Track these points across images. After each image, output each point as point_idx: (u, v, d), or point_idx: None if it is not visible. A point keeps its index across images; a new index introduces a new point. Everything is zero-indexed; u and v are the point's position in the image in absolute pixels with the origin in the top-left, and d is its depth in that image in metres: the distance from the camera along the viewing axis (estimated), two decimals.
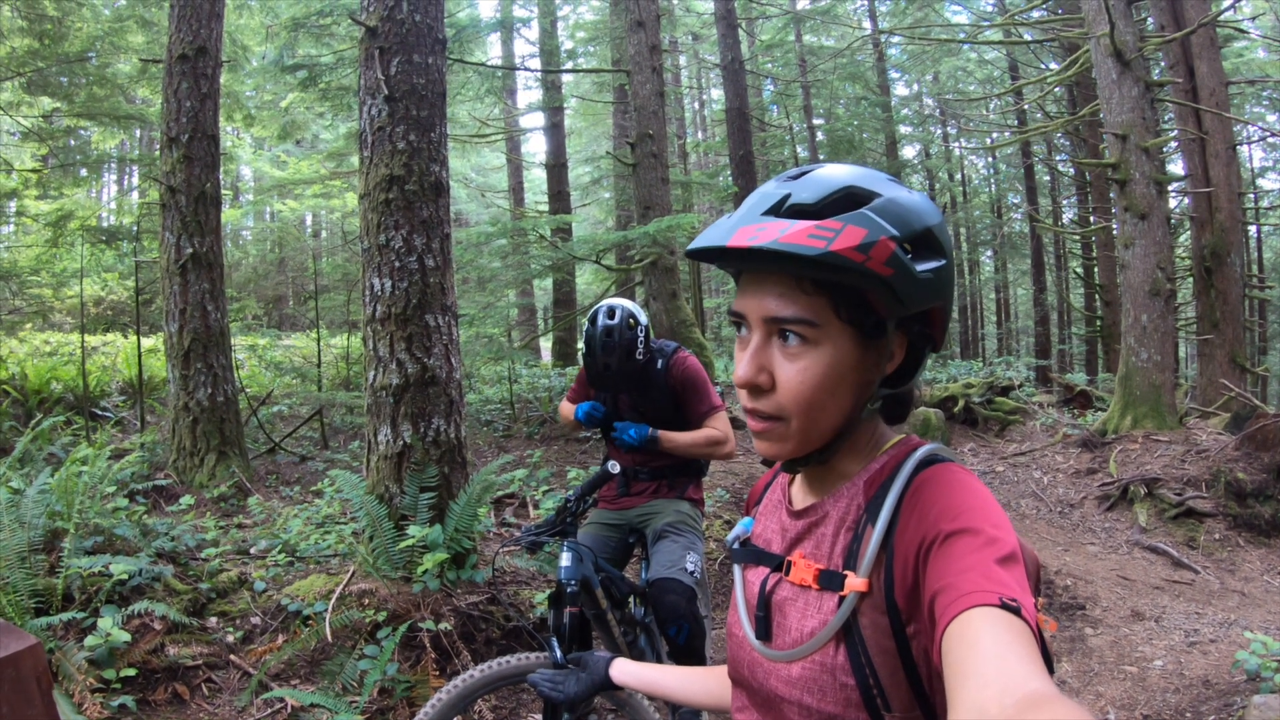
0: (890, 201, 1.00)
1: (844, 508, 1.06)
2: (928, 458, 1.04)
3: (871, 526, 1.00)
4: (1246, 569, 6.53)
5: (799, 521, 1.12)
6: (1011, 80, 20.94)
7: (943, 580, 0.86)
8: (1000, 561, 0.84)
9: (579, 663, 1.66)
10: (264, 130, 12.63)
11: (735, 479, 7.41)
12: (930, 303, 1.01)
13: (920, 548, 0.92)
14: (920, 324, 1.04)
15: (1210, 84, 10.94)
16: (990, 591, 0.80)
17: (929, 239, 1.01)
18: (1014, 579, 0.83)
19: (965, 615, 0.80)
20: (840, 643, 0.99)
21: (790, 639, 1.06)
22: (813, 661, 1.01)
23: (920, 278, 0.98)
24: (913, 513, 0.96)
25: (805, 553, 1.09)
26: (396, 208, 4.35)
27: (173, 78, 6.84)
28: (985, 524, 0.89)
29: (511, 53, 20.87)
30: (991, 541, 0.87)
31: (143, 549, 4.19)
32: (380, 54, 4.36)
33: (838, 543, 1.05)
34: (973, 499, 0.94)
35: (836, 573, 1.02)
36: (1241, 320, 11.39)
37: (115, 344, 11.35)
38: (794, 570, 1.08)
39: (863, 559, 0.99)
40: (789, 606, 1.08)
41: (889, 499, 1.00)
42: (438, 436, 4.41)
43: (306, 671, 3.76)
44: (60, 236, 9.69)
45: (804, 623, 1.04)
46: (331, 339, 14.83)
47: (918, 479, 1.00)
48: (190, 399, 6.76)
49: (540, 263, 11.69)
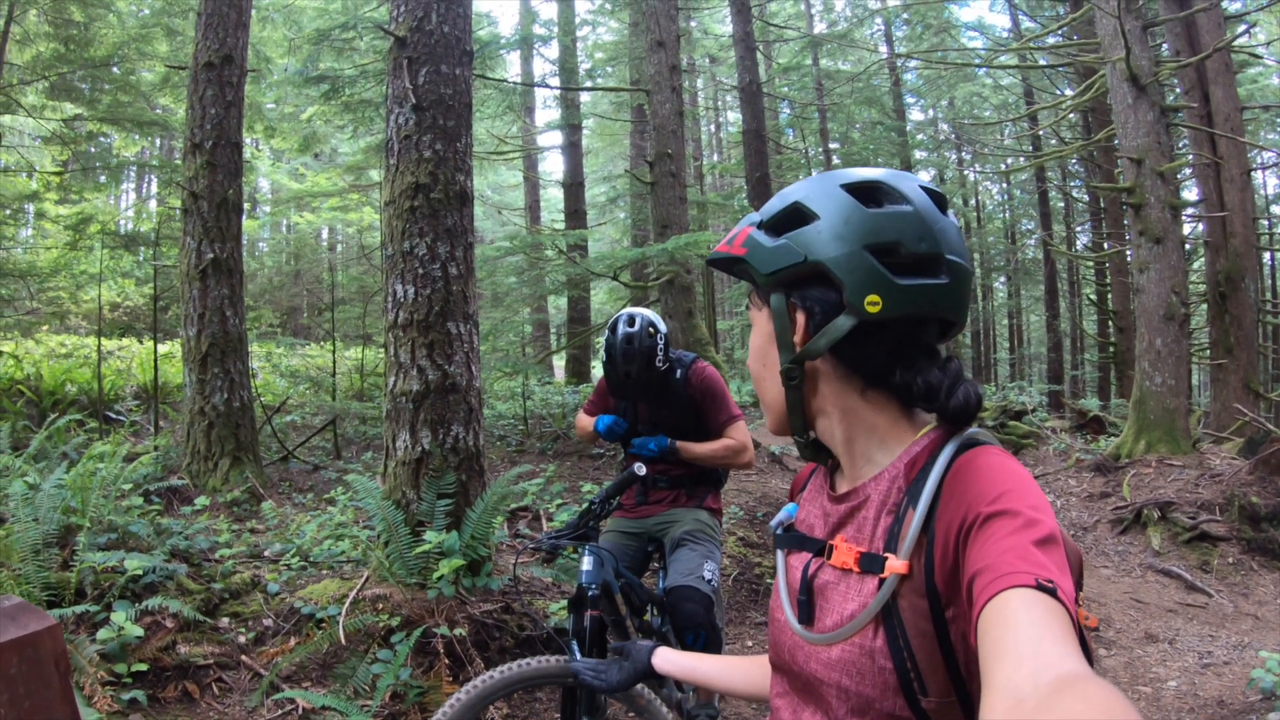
0: (781, 194, 1.15)
1: (885, 490, 1.07)
2: (968, 440, 1.04)
3: (913, 509, 1.00)
4: (1260, 593, 6.47)
5: (840, 506, 1.13)
6: (1026, 106, 20.97)
7: (981, 562, 0.86)
8: (1038, 543, 0.84)
9: (621, 652, 1.69)
10: (284, 142, 12.75)
11: (749, 497, 7.39)
12: (784, 262, 1.08)
13: (960, 529, 0.92)
14: (817, 288, 1.08)
15: (1225, 109, 10.95)
16: (1027, 573, 0.80)
17: (794, 212, 1.11)
18: (1052, 561, 0.83)
19: (1001, 596, 0.80)
20: (879, 625, 0.99)
21: (831, 622, 1.06)
22: (852, 644, 1.01)
23: (769, 246, 1.10)
24: (953, 495, 0.96)
25: (847, 536, 1.09)
26: (421, 215, 4.38)
27: (198, 84, 6.92)
28: (1024, 506, 0.89)
29: (530, 71, 21.02)
30: (1031, 524, 0.87)
31: (156, 547, 4.20)
32: (409, 64, 4.41)
33: (879, 525, 1.05)
34: (1012, 481, 0.94)
35: (877, 555, 1.02)
36: (1256, 346, 11.33)
37: (131, 349, 11.42)
38: (835, 554, 1.09)
39: (903, 541, 0.99)
40: (830, 590, 1.08)
41: (929, 481, 1.00)
42: (456, 444, 4.41)
43: (318, 674, 3.75)
44: (79, 240, 9.76)
45: (844, 605, 1.05)
46: (346, 351, 14.89)
47: (958, 461, 1.00)
48: (206, 403, 6.79)
49: (556, 279, 11.75)
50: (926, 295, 1.04)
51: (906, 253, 1.04)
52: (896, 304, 1.03)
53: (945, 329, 1.12)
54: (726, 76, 26.72)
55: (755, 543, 6.50)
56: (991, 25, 23.65)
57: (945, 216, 1.08)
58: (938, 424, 1.09)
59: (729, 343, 28.24)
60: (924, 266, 1.05)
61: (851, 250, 1.04)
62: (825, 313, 1.07)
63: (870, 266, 1.03)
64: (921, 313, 1.05)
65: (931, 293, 1.05)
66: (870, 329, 1.05)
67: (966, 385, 1.05)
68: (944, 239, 1.06)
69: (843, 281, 1.04)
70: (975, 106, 26.08)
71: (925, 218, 1.06)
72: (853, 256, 1.03)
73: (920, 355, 1.09)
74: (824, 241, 1.05)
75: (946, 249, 1.06)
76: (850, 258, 1.04)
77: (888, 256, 1.04)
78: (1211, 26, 10.76)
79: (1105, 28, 9.56)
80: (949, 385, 1.05)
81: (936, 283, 1.05)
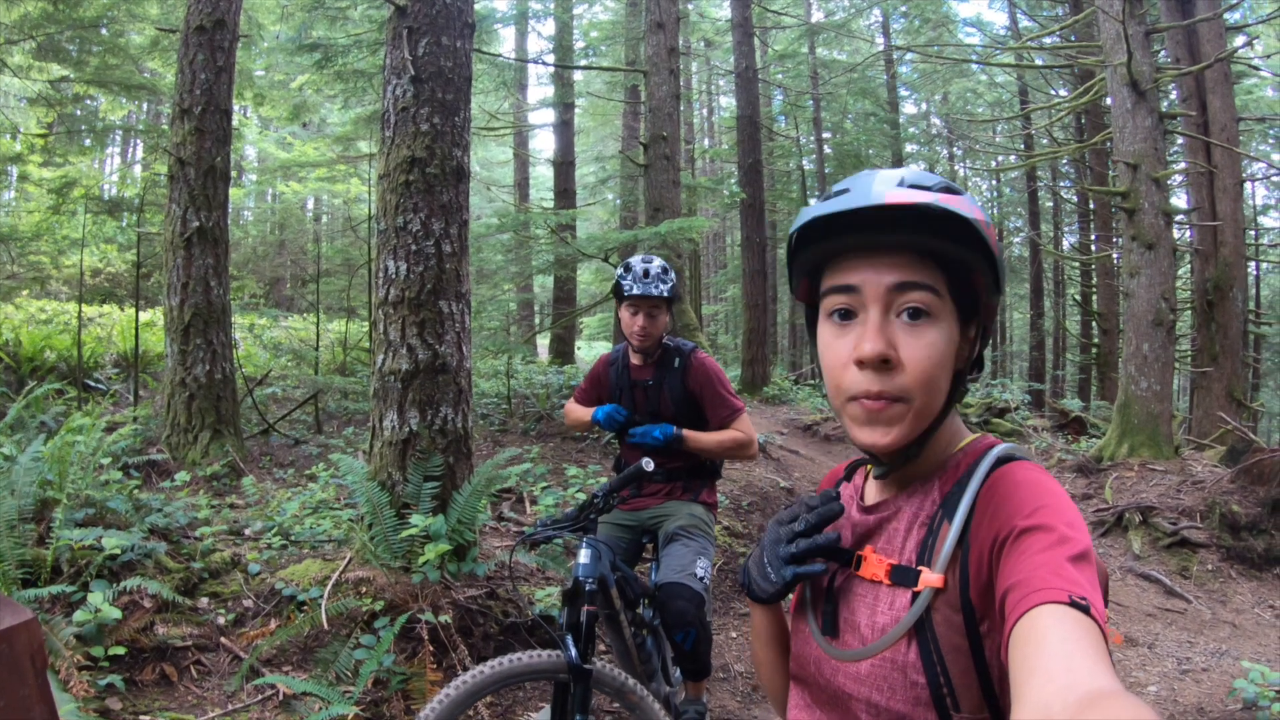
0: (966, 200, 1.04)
1: (918, 503, 1.06)
2: (1004, 455, 1.03)
3: (948, 523, 0.99)
4: (1238, 600, 6.52)
5: (870, 516, 1.11)
6: (1021, 105, 20.97)
7: (1015, 577, 0.85)
8: (1072, 560, 0.84)
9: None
10: (273, 110, 12.53)
11: (734, 486, 7.37)
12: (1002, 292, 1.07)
13: (994, 544, 0.92)
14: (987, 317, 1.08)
15: (1222, 119, 10.97)
16: (1060, 589, 0.80)
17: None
18: (1085, 578, 0.83)
19: (1034, 612, 0.79)
20: (912, 640, 0.98)
21: (859, 636, 1.05)
22: (883, 659, 1.00)
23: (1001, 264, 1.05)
24: (988, 509, 0.96)
25: (876, 548, 1.08)
26: (416, 190, 4.28)
27: (189, 49, 6.76)
28: (1059, 521, 0.89)
29: (525, 48, 20.81)
30: (1064, 540, 0.86)
31: (135, 524, 4.10)
32: (409, 34, 4.29)
33: (910, 538, 1.04)
34: (1047, 496, 0.93)
35: (910, 568, 1.01)
36: (1240, 355, 11.40)
37: (111, 316, 11.21)
38: (865, 565, 1.07)
39: (939, 555, 0.98)
40: (858, 602, 1.07)
41: (966, 495, 0.99)
42: (444, 425, 4.33)
43: (299, 658, 3.67)
44: (63, 204, 9.54)
45: (874, 618, 1.03)
46: (329, 324, 14.73)
47: (993, 476, 1.00)
48: (188, 374, 6.66)
49: (545, 258, 11.63)
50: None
51: None
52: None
53: None
54: (721, 61, 26.59)
55: (740, 532, 6.47)
56: (989, 22, 23.69)
57: None
58: (972, 439, 1.09)
59: (713, 327, 28.24)
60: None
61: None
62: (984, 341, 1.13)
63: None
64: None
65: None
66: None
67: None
68: None
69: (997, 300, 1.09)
70: (969, 103, 26.10)
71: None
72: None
73: None
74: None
75: None
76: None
77: None
78: (1213, 36, 10.75)
79: (1108, 31, 9.52)
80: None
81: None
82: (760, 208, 16.20)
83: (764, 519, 6.90)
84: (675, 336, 3.48)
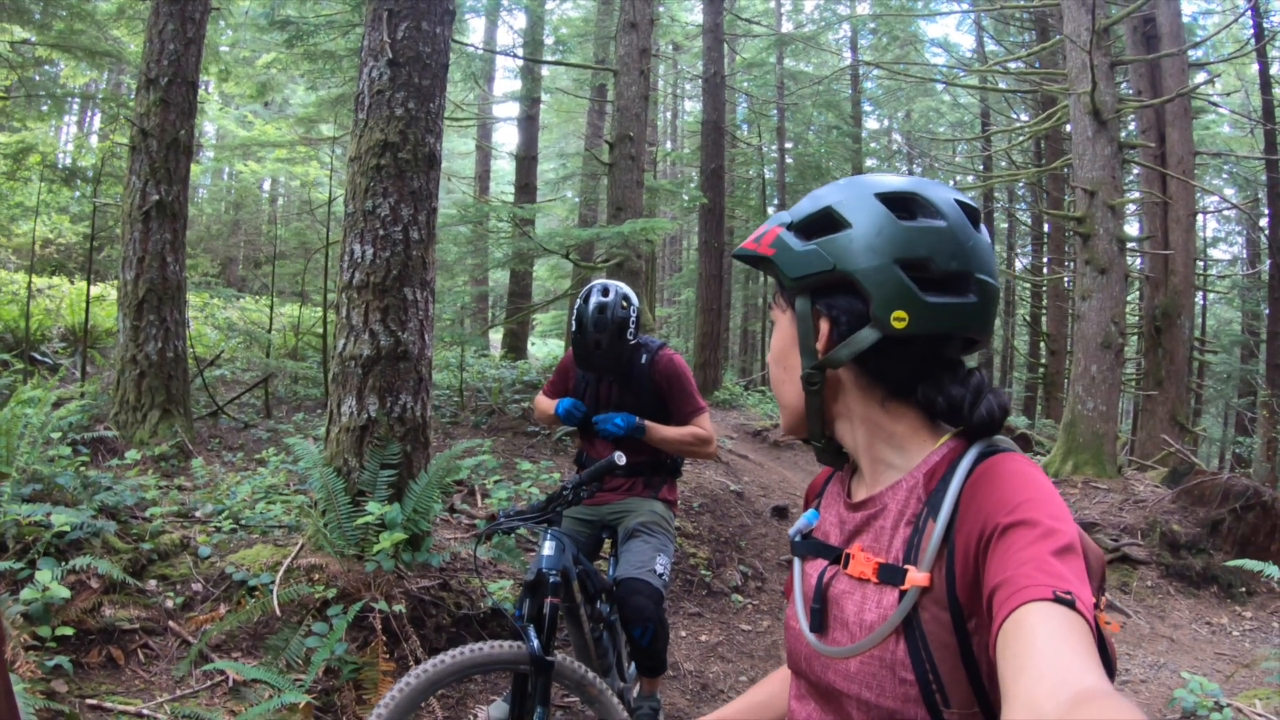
0: (812, 196, 1.12)
1: (903, 500, 1.05)
2: (987, 449, 1.03)
3: (933, 520, 0.99)
4: (1176, 616, 6.71)
5: (857, 514, 1.11)
6: (983, 126, 21.36)
7: (1000, 575, 0.85)
8: (1057, 553, 0.84)
9: None
10: (237, 87, 12.28)
11: (684, 487, 7.38)
12: (812, 269, 1.06)
13: (979, 541, 0.91)
14: (844, 297, 1.06)
15: (1180, 152, 11.29)
16: (1045, 585, 0.80)
17: (824, 218, 1.08)
18: (1070, 571, 0.82)
19: (1020, 610, 0.79)
20: (900, 638, 0.98)
21: (848, 633, 1.05)
22: (871, 657, 1.00)
23: (797, 250, 1.08)
24: (971, 505, 0.95)
25: (864, 545, 1.08)
26: (387, 175, 4.23)
27: (159, 17, 6.59)
28: (1043, 515, 0.88)
29: (494, 40, 20.68)
30: (1049, 533, 0.86)
31: (84, 501, 3.99)
32: (388, 16, 4.24)
33: (897, 535, 1.04)
34: (1031, 490, 0.93)
35: (897, 567, 1.01)
36: (1185, 381, 11.74)
37: (61, 289, 10.88)
38: (853, 563, 1.07)
39: (924, 554, 0.98)
40: (846, 600, 1.07)
41: (949, 492, 0.99)
42: (404, 413, 4.29)
43: (249, 645, 3.61)
44: (18, 170, 9.24)
45: (863, 616, 1.03)
46: (281, 307, 14.48)
47: (977, 470, 0.99)
48: (139, 351, 6.51)
49: (504, 250, 11.56)
50: (953, 314, 1.03)
51: (937, 269, 1.03)
52: (923, 321, 1.02)
53: (968, 344, 1.11)
54: (689, 65, 26.65)
55: (691, 533, 6.50)
56: (956, 44, 23.99)
57: (977, 232, 1.07)
58: (956, 433, 1.08)
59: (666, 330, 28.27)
60: (953, 284, 1.03)
61: (882, 263, 1.02)
62: (850, 323, 1.06)
63: (899, 282, 1.02)
64: (947, 331, 1.04)
65: (959, 311, 1.03)
66: (895, 343, 1.03)
67: (989, 398, 1.04)
68: (974, 257, 1.05)
69: (871, 294, 1.03)
70: (931, 121, 26.50)
71: (958, 234, 1.04)
72: (882, 270, 1.02)
73: (943, 369, 1.07)
74: (855, 252, 1.04)
75: (976, 267, 1.04)
76: (880, 271, 1.02)
77: (918, 272, 1.02)
78: (1175, 71, 11.07)
79: (1074, 61, 9.75)
80: (971, 400, 1.04)
81: (964, 301, 1.04)
82: (720, 213, 16.27)
83: (714, 521, 6.95)
84: (646, 336, 3.49)
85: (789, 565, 1.18)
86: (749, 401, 15.10)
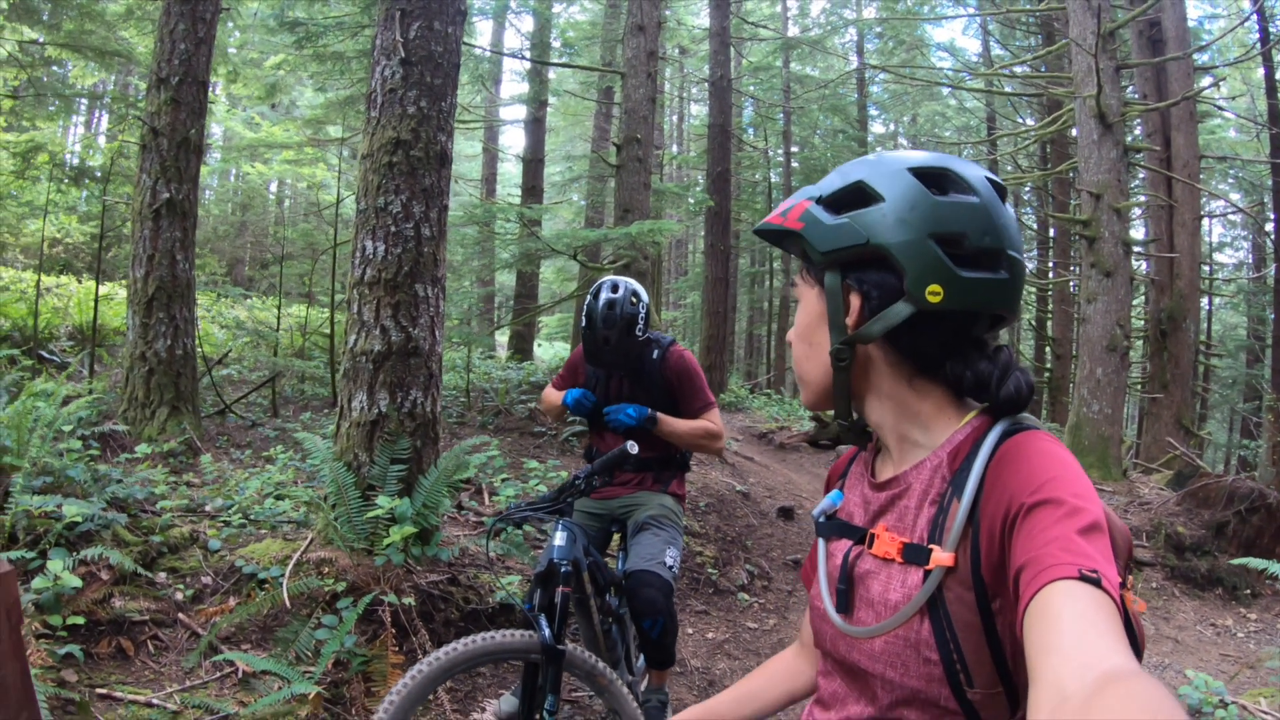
0: (840, 171, 1.13)
1: (927, 479, 1.06)
2: (1011, 426, 1.03)
3: (957, 500, 0.99)
4: (1181, 618, 6.70)
5: (881, 494, 1.12)
6: (988, 130, 21.37)
7: (1025, 555, 0.85)
8: (1082, 532, 0.84)
9: None
10: (245, 88, 12.32)
11: (690, 486, 7.40)
12: (844, 242, 1.06)
13: (1004, 521, 0.92)
14: (876, 272, 1.06)
15: (1185, 155, 11.29)
16: (1070, 564, 0.80)
17: (855, 191, 1.08)
18: (1096, 549, 0.82)
19: (1046, 589, 0.79)
20: (925, 617, 0.98)
21: (873, 612, 1.05)
22: (896, 636, 1.01)
23: (828, 223, 1.08)
24: (996, 485, 0.96)
25: (888, 525, 1.09)
26: (399, 172, 4.25)
27: (170, 17, 6.63)
28: (1067, 494, 0.88)
29: (501, 42, 20.74)
30: (1074, 512, 0.86)
31: (94, 494, 4.02)
32: (401, 16, 4.27)
33: (921, 515, 1.04)
34: (1055, 468, 0.93)
35: (922, 546, 1.01)
36: (1190, 384, 11.73)
37: (69, 287, 10.93)
38: (877, 543, 1.08)
39: (949, 533, 0.98)
40: (871, 579, 1.08)
41: (974, 471, 0.99)
42: (414, 408, 4.31)
43: (259, 637, 3.63)
44: (27, 170, 9.28)
45: (888, 596, 1.04)
46: (289, 307, 14.53)
47: (1002, 449, 0.99)
48: (148, 349, 6.53)
49: (512, 251, 11.58)
50: (987, 289, 1.03)
51: (970, 245, 1.03)
52: (957, 296, 1.02)
53: (996, 322, 1.11)
54: (695, 69, 26.70)
55: (698, 532, 6.51)
56: (962, 48, 24.19)
57: (1006, 209, 1.07)
58: (981, 410, 1.08)
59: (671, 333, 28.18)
60: (986, 260, 1.04)
61: (916, 238, 1.02)
62: (883, 298, 1.06)
63: (935, 256, 1.02)
64: (980, 306, 1.04)
65: (991, 287, 1.04)
66: (926, 318, 1.04)
67: (1017, 375, 1.05)
68: (1006, 233, 1.05)
69: (905, 268, 1.03)
70: (937, 125, 26.49)
71: (990, 210, 1.05)
72: (917, 244, 1.02)
73: (970, 346, 1.08)
74: (888, 225, 1.04)
75: (1008, 244, 1.05)
76: (915, 245, 1.02)
77: (951, 247, 1.02)
78: (1181, 75, 11.07)
79: (1080, 64, 9.76)
80: (999, 376, 1.04)
81: (996, 277, 1.04)
82: (727, 216, 16.28)
83: (721, 520, 6.97)
84: (656, 332, 3.51)
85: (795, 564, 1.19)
86: (754, 404, 15.12)
